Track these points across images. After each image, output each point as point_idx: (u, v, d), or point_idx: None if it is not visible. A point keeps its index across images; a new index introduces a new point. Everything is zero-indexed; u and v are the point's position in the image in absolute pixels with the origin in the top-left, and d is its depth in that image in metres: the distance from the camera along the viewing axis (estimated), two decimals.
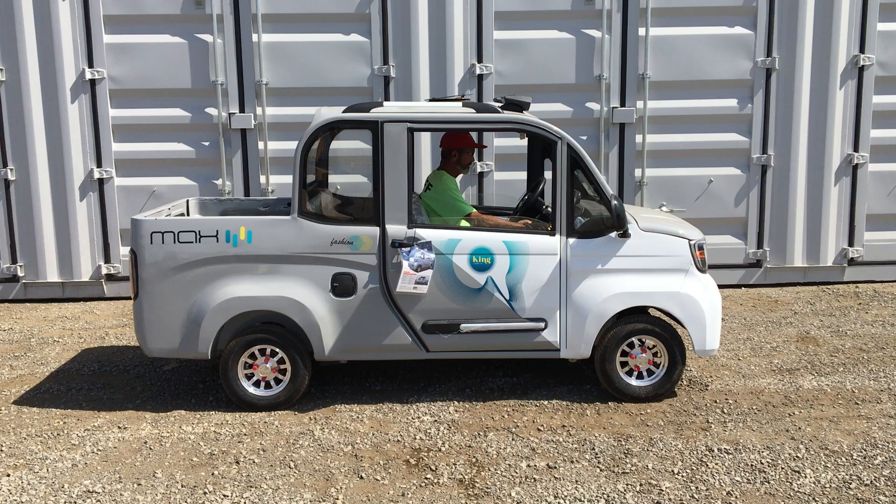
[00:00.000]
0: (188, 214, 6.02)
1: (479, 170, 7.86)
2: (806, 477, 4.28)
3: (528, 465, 4.44)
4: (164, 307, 5.09)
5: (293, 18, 7.74)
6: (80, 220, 7.94)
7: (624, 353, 5.25)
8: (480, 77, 7.79)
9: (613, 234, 5.12)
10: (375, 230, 5.08)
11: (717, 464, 4.43)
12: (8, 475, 4.41)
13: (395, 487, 4.25)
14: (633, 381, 5.27)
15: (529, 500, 4.09)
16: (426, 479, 4.32)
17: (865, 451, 4.57)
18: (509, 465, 4.45)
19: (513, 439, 4.76)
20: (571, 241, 5.14)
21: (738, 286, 8.13)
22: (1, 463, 4.56)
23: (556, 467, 4.42)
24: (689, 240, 5.23)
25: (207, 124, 7.88)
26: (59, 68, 7.72)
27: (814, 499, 4.07)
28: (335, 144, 6.18)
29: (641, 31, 7.77)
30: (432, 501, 4.11)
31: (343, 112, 5.15)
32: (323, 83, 7.79)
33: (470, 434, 4.84)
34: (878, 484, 4.21)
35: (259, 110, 7.84)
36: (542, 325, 5.16)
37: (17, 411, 5.31)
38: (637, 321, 5.22)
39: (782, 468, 4.38)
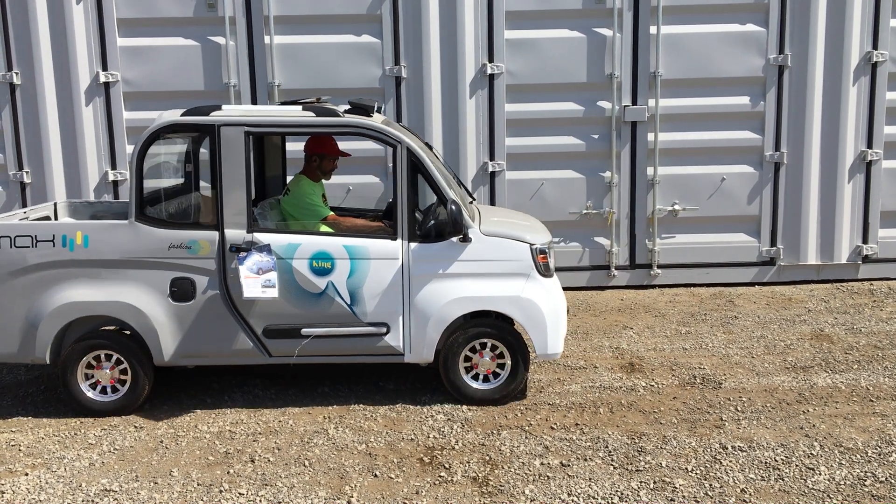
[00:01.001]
0: (55, 217, 6.01)
1: (490, 169, 7.87)
2: (820, 474, 4.27)
3: (542, 463, 4.45)
4: (2, 312, 5.09)
5: (305, 20, 7.77)
6: None
7: (471, 358, 5.25)
8: (492, 77, 7.80)
9: (455, 239, 5.11)
10: (214, 234, 5.07)
11: (731, 461, 4.43)
12: (26, 474, 4.46)
13: (410, 485, 4.27)
14: (476, 385, 5.26)
15: (543, 498, 4.11)
16: (440, 477, 4.34)
17: (880, 448, 4.55)
18: (523, 463, 4.47)
19: (526, 437, 4.77)
20: (413, 245, 5.14)
21: (752, 284, 8.11)
22: (19, 462, 4.61)
23: (569, 465, 4.43)
24: (531, 244, 5.21)
25: None
26: (74, 71, 7.78)
27: (828, 496, 4.07)
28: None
29: (653, 30, 7.76)
30: (446, 499, 4.13)
31: (181, 115, 5.15)
32: (335, 84, 7.81)
33: (483, 432, 4.86)
34: (893, 481, 4.19)
35: None
36: (384, 329, 5.16)
37: (35, 411, 5.36)
38: (478, 325, 5.22)
39: (797, 465, 4.37)
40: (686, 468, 4.37)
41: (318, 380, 5.76)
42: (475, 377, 5.28)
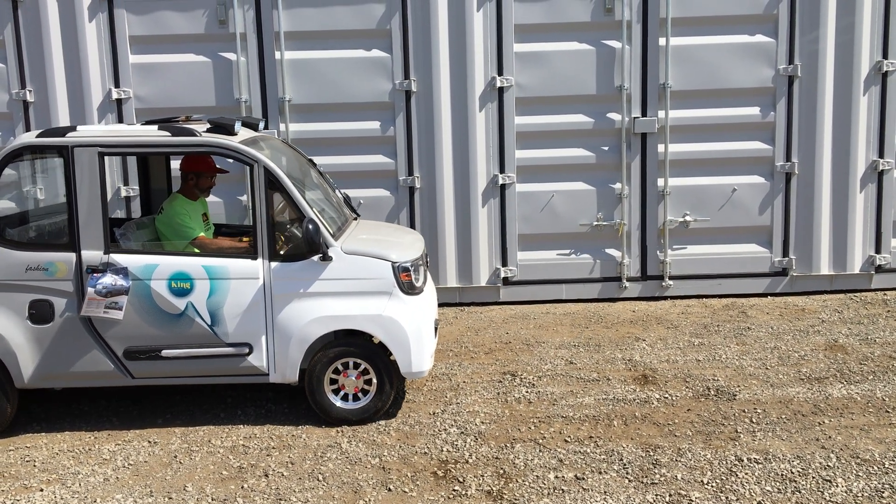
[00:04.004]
0: None
1: (500, 181, 7.88)
2: (837, 486, 4.24)
3: (556, 477, 4.43)
4: None
5: (315, 35, 7.82)
6: None
7: (337, 378, 5.22)
8: (501, 90, 7.82)
9: (315, 258, 5.09)
10: (71, 256, 5.06)
11: (746, 473, 4.40)
12: (41, 490, 4.48)
13: (424, 499, 4.25)
14: (340, 403, 5.23)
15: None
16: (454, 490, 4.33)
17: None
18: (537, 476, 4.45)
19: (540, 451, 4.76)
20: (274, 264, 5.11)
21: (765, 295, 8.07)
22: (34, 478, 4.63)
23: (584, 478, 4.41)
24: (394, 262, 5.19)
25: None
26: (86, 88, 7.85)
27: None
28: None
29: (662, 41, 7.77)
30: None
31: (36, 136, 5.15)
32: (345, 99, 7.86)
33: (497, 446, 4.84)
34: None
35: (283, 126, 7.92)
36: (246, 350, 5.13)
37: (49, 427, 5.38)
38: (341, 344, 5.20)
39: (813, 477, 4.34)
40: (702, 481, 4.34)
41: None
42: (344, 397, 5.25)
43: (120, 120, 7.91)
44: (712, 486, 4.28)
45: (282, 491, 4.38)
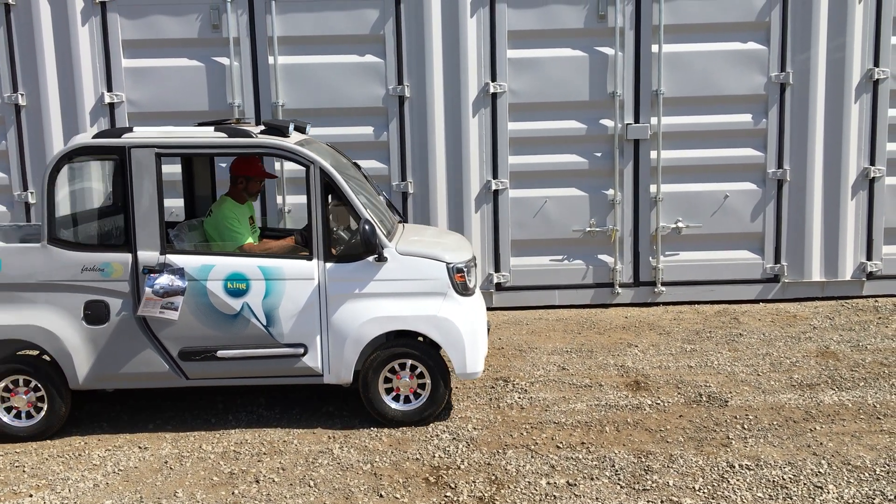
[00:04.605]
0: None
1: (493, 187, 7.89)
2: (829, 493, 4.25)
3: (548, 483, 4.43)
4: None
5: (308, 40, 7.82)
6: None
7: (391, 378, 5.22)
8: (494, 95, 7.84)
9: (371, 259, 5.10)
10: (127, 256, 5.06)
11: (738, 480, 4.40)
12: (31, 495, 4.45)
13: None
14: (395, 405, 5.24)
15: None
16: (446, 497, 4.32)
17: (889, 465, 4.53)
18: (529, 482, 4.44)
19: (532, 457, 4.75)
20: (329, 265, 5.12)
21: (756, 301, 8.09)
22: (23, 483, 4.60)
23: (575, 485, 4.40)
24: (448, 263, 5.20)
25: None
26: (79, 92, 7.82)
27: None
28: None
29: (654, 48, 7.80)
30: None
31: (93, 138, 5.14)
32: (338, 104, 7.85)
33: (489, 452, 4.84)
34: None
35: None
36: (301, 350, 5.13)
37: None
38: (397, 345, 5.20)
39: (804, 484, 4.34)
40: (693, 487, 4.34)
41: (323, 399, 5.75)
42: (396, 398, 5.25)
43: (112, 125, 7.87)
44: (704, 493, 4.28)
45: (273, 497, 4.36)
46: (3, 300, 5.05)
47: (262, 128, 5.38)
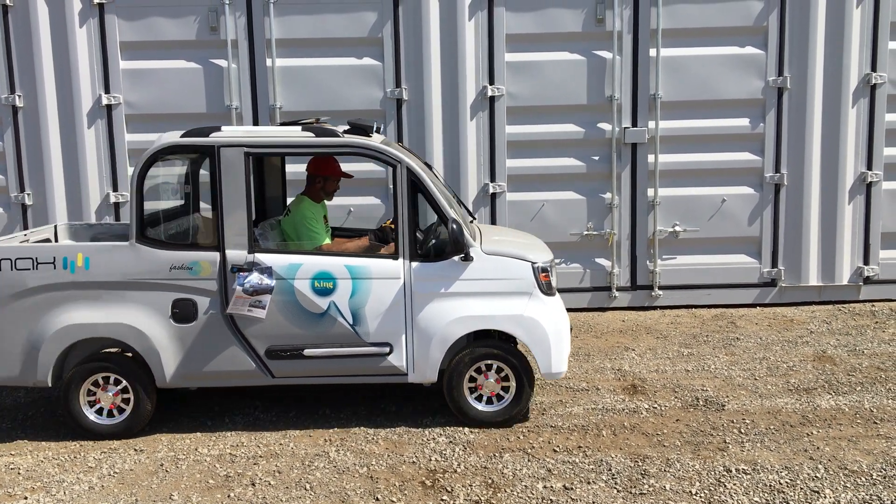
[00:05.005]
0: (56, 240, 6.00)
1: (491, 190, 7.89)
2: (826, 497, 4.24)
3: (545, 487, 4.42)
4: (3, 334, 5.06)
5: (307, 43, 7.82)
6: None
7: (475, 378, 5.22)
8: (492, 99, 7.84)
9: (456, 258, 5.10)
10: (215, 255, 5.07)
11: (735, 484, 4.40)
12: (25, 498, 4.43)
13: None
14: (481, 406, 5.23)
15: None
16: (442, 500, 4.31)
17: (885, 470, 4.52)
18: (525, 486, 4.43)
19: (528, 460, 4.74)
20: (415, 264, 5.13)
21: (753, 305, 8.09)
22: (18, 486, 4.58)
23: (572, 488, 4.40)
24: (533, 262, 5.20)
25: None
26: (76, 94, 7.82)
27: None
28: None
29: (652, 52, 7.81)
30: None
31: (181, 136, 5.15)
32: (336, 106, 7.84)
33: (485, 455, 4.83)
34: None
35: None
36: (387, 349, 5.13)
37: (34, 434, 5.33)
38: (483, 346, 5.20)
39: (801, 488, 4.34)
40: (690, 491, 4.34)
41: (319, 402, 5.74)
42: (478, 398, 5.25)
43: (110, 126, 7.87)
44: (701, 497, 4.27)
45: (269, 500, 4.35)
46: (91, 299, 5.05)
47: (346, 127, 5.40)
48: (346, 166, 6.14)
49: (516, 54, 7.83)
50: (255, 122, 7.89)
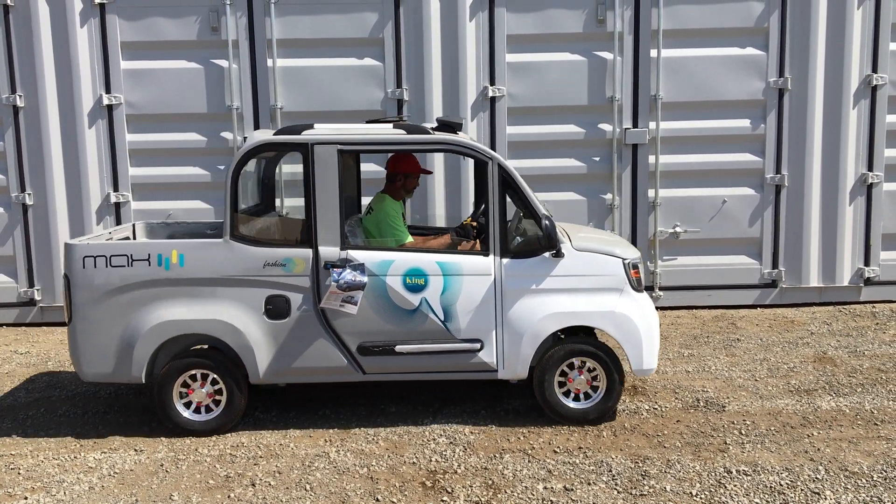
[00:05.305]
0: (134, 238, 6.02)
1: None
2: (826, 499, 4.24)
3: (545, 488, 4.42)
4: (98, 331, 5.07)
5: (307, 43, 7.82)
6: None
7: (564, 374, 5.22)
8: (493, 99, 7.84)
9: (547, 254, 5.11)
10: (308, 252, 5.08)
11: (735, 485, 4.39)
12: (25, 498, 4.43)
13: None
14: (572, 404, 5.23)
15: None
16: (442, 501, 4.30)
17: (886, 472, 4.52)
18: (525, 487, 4.43)
19: (529, 461, 4.74)
20: (505, 261, 5.13)
21: (754, 306, 8.09)
22: (18, 486, 4.58)
23: (572, 489, 4.39)
24: (624, 259, 5.21)
25: (223, 148, 7.95)
26: (77, 94, 7.82)
27: None
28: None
29: (653, 53, 7.81)
30: None
31: (274, 134, 5.17)
32: (337, 107, 7.85)
33: (486, 456, 4.82)
34: None
35: None
36: (477, 345, 5.14)
37: (35, 434, 5.33)
38: (575, 342, 5.21)
39: (802, 490, 4.34)
40: (690, 493, 4.33)
41: (319, 402, 5.73)
42: (566, 394, 5.25)
43: (110, 126, 7.87)
44: (701, 498, 4.27)
45: (269, 500, 4.35)
46: (185, 295, 5.06)
47: (435, 124, 5.40)
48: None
49: (517, 55, 7.83)
50: (256, 123, 7.89)
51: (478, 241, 5.60)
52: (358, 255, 5.09)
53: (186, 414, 5.18)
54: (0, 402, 5.97)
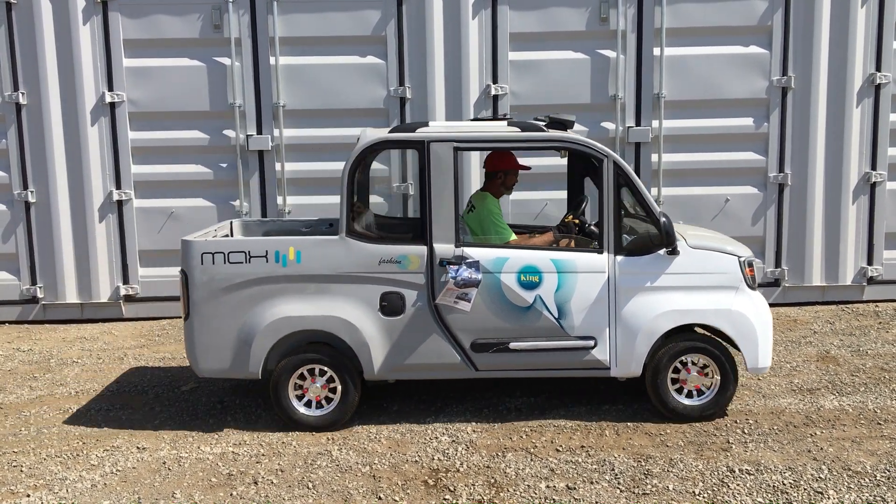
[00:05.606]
0: (231, 235, 6.05)
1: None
2: (829, 498, 4.23)
3: (548, 486, 4.41)
4: (215, 327, 5.11)
5: (310, 41, 7.82)
6: (99, 241, 8.01)
7: (675, 371, 5.22)
8: (496, 98, 7.83)
9: (662, 252, 5.11)
10: (423, 249, 5.09)
11: (738, 485, 4.39)
12: (28, 495, 4.43)
13: None
14: (686, 401, 5.22)
15: None
16: (444, 499, 4.30)
17: (889, 471, 4.51)
18: (528, 486, 4.43)
19: (531, 460, 4.74)
20: (620, 258, 5.14)
21: None
22: (21, 483, 4.58)
23: (575, 488, 4.39)
24: (739, 257, 5.21)
25: (225, 146, 7.95)
26: (80, 91, 7.82)
27: None
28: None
29: (656, 51, 7.79)
30: None
31: (388, 132, 5.20)
32: (339, 105, 7.85)
33: (488, 454, 4.82)
34: None
35: (276, 132, 7.90)
36: (591, 343, 5.14)
37: (37, 432, 5.33)
38: (689, 339, 5.19)
39: (805, 489, 4.33)
40: (693, 491, 4.33)
41: None
42: (678, 391, 5.23)
43: (113, 124, 7.87)
44: (704, 497, 4.27)
45: (271, 499, 4.35)
46: (301, 292, 5.09)
47: (545, 122, 5.42)
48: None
49: (520, 53, 7.82)
50: (258, 121, 7.88)
51: (572, 238, 5.58)
52: (473, 252, 5.10)
53: (302, 409, 5.20)
54: (2, 399, 5.97)
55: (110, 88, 7.86)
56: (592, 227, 5.56)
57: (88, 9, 7.76)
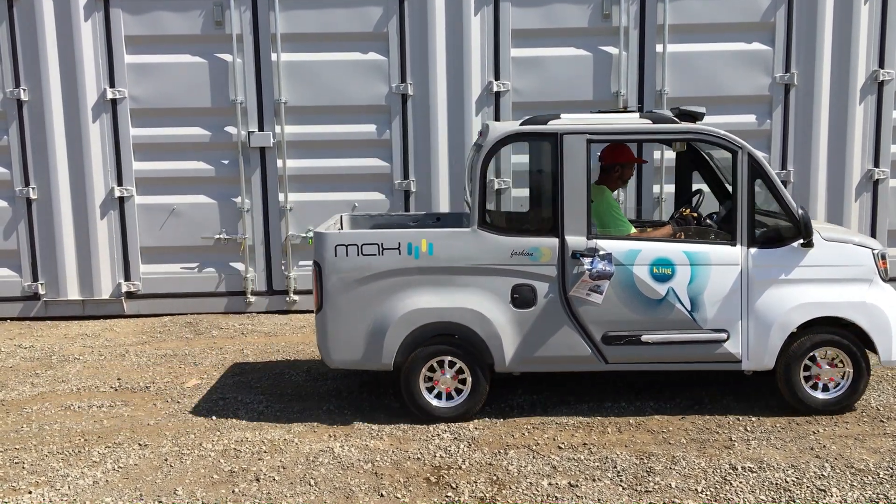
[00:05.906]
0: (342, 229, 6.05)
1: (496, 186, 7.87)
2: (832, 496, 4.22)
3: (550, 484, 4.41)
4: (348, 319, 5.13)
5: (312, 38, 7.81)
6: (100, 238, 8.01)
7: (809, 366, 5.20)
8: (498, 94, 7.82)
9: (796, 244, 5.09)
10: (555, 241, 5.09)
11: (741, 482, 4.38)
12: (30, 492, 4.43)
13: None
14: (819, 395, 5.21)
15: None
16: (447, 497, 4.29)
17: (892, 469, 4.50)
18: (530, 483, 4.42)
19: (534, 457, 4.73)
20: (753, 251, 5.12)
21: None
22: (22, 480, 4.58)
23: (577, 486, 4.38)
24: (872, 249, 5.20)
25: (227, 143, 7.94)
26: (81, 88, 7.81)
27: None
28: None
29: (659, 48, 7.78)
30: None
31: (520, 125, 5.20)
32: (341, 101, 7.84)
33: (490, 452, 4.81)
34: None
35: (278, 128, 7.89)
36: (724, 336, 5.13)
37: (39, 428, 5.33)
38: (825, 332, 5.16)
39: (807, 487, 4.32)
40: (696, 489, 4.32)
41: (323, 397, 5.73)
42: (814, 386, 5.22)
43: (114, 120, 7.86)
44: (706, 495, 4.26)
45: (273, 495, 4.34)
46: (434, 283, 5.10)
47: (675, 113, 5.41)
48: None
49: (522, 49, 7.81)
50: (260, 118, 7.88)
51: (691, 232, 5.55)
52: (605, 245, 5.10)
53: (433, 400, 5.21)
54: (4, 396, 5.97)
55: (112, 85, 7.85)
56: (709, 221, 5.56)
57: (90, 5, 7.75)
